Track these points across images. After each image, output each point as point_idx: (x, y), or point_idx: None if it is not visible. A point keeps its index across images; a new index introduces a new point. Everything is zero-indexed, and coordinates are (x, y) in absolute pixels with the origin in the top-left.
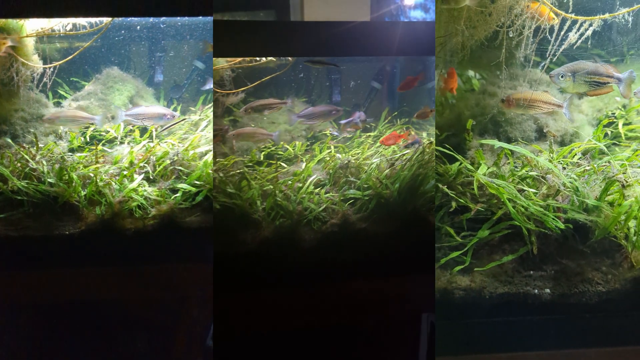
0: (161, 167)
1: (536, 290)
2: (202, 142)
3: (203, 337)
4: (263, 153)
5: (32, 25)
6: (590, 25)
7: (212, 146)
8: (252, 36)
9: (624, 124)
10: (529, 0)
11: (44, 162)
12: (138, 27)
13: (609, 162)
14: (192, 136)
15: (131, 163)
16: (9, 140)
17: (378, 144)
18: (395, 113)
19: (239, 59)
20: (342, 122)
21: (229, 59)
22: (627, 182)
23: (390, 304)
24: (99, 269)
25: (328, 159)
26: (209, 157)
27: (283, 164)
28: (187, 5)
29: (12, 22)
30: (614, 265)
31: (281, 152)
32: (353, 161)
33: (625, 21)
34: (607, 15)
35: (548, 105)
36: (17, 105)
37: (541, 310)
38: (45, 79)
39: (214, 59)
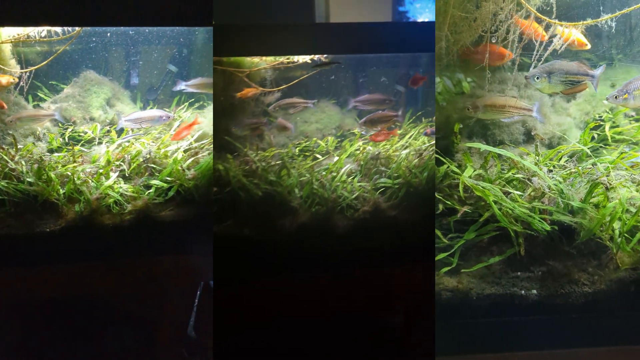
0: (135, 164)
1: (523, 291)
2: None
3: (185, 328)
4: (298, 148)
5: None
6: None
7: (180, 144)
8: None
9: (612, 127)
10: (517, 15)
11: (23, 163)
12: (108, 34)
13: (593, 164)
14: (164, 135)
15: (108, 162)
16: None
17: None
18: (420, 113)
19: (278, 61)
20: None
21: (268, 61)
22: (610, 184)
23: (420, 290)
24: (80, 264)
25: (358, 152)
26: (179, 155)
27: (318, 155)
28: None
29: None
30: (600, 266)
31: (314, 149)
32: (383, 153)
33: (609, 27)
34: (589, 21)
35: (517, 110)
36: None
37: (528, 311)
38: (22, 83)
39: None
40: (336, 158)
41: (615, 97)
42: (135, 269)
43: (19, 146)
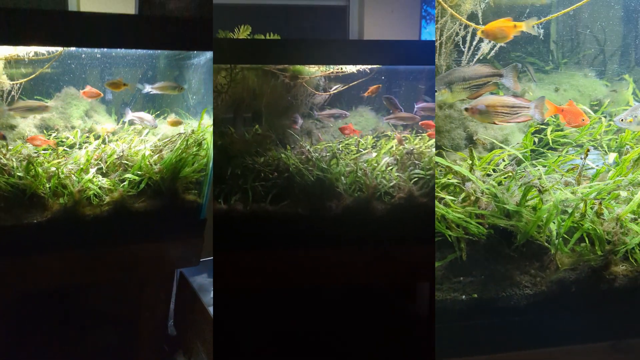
0: (110, 160)
1: (464, 296)
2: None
3: (164, 314)
4: (341, 145)
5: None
6: None
7: (147, 144)
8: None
9: (556, 130)
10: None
11: (14, 159)
12: (83, 55)
13: (524, 168)
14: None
15: (88, 160)
16: None
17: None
18: None
19: (331, 71)
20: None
21: (322, 70)
22: (543, 187)
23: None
24: (65, 252)
25: (393, 149)
26: (147, 152)
27: (361, 149)
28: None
29: None
30: (542, 268)
31: (355, 147)
32: (416, 149)
33: (537, 33)
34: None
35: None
36: None
37: (469, 315)
38: (13, 92)
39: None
40: (374, 154)
41: (622, 120)
42: (115, 255)
43: (9, 147)
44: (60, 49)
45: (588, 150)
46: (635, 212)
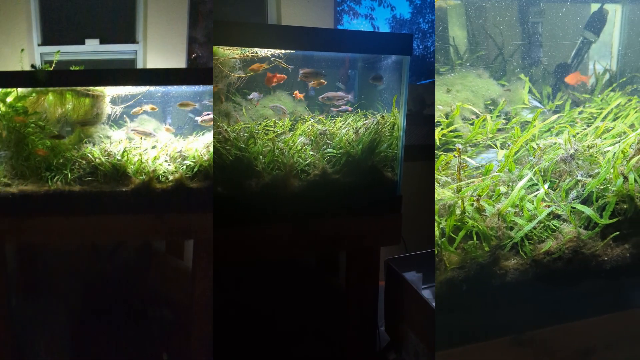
0: (172, 150)
1: None
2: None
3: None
4: (260, 126)
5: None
6: None
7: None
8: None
9: (450, 131)
10: None
11: (115, 150)
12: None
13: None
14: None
15: (158, 152)
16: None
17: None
18: (356, 105)
19: (245, 54)
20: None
21: (237, 53)
22: None
23: (354, 237)
24: (140, 215)
25: (309, 129)
26: (199, 147)
27: (278, 130)
28: (192, 78)
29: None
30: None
31: (273, 128)
32: (329, 130)
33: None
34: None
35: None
36: (95, 130)
37: None
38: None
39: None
40: (291, 134)
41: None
42: (172, 220)
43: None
44: (144, 89)
45: (459, 150)
46: (519, 206)
